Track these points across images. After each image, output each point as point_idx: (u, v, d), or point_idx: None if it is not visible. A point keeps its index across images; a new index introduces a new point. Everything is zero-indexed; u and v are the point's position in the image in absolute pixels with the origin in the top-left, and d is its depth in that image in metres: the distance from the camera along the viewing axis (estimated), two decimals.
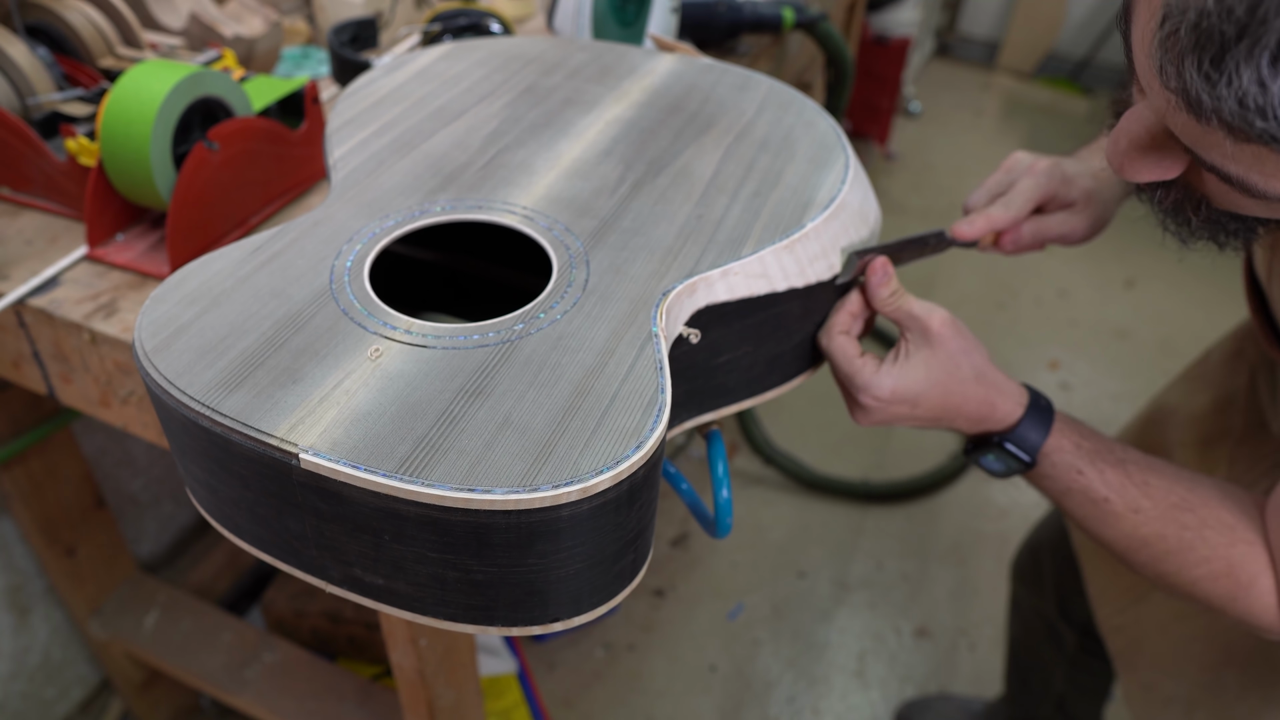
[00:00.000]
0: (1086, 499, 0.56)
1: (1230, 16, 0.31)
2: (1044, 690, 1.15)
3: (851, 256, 0.53)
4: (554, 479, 0.34)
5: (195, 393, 0.37)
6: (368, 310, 0.42)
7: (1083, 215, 0.66)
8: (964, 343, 0.54)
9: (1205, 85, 0.33)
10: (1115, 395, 2.03)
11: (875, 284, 0.54)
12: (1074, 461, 0.56)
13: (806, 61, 1.23)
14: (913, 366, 0.53)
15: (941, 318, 0.54)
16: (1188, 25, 0.33)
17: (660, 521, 1.65)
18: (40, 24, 0.70)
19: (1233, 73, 0.32)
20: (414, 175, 0.53)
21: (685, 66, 0.68)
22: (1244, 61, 0.31)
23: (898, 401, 0.53)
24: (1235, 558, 0.54)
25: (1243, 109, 0.32)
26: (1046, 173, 0.65)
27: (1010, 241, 0.66)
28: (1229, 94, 0.32)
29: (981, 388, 0.55)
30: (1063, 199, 0.66)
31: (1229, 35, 0.31)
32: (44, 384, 0.65)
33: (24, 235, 0.64)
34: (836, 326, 0.55)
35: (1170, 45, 0.34)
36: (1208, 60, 0.32)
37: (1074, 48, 3.47)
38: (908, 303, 0.55)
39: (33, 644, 1.11)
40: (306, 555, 0.39)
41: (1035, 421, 0.56)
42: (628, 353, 0.40)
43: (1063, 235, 0.66)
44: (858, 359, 0.54)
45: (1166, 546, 0.55)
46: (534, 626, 0.39)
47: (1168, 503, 0.55)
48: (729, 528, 0.54)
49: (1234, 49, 0.31)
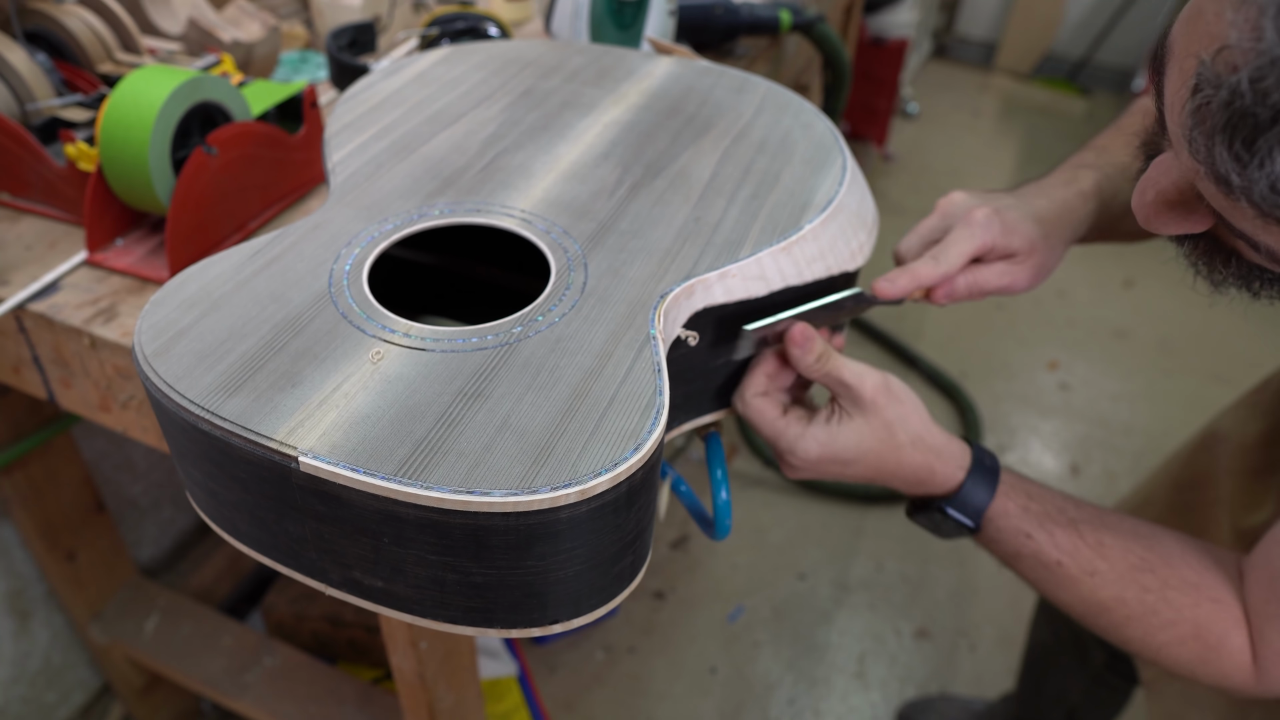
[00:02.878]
0: (1038, 563, 0.54)
1: (1265, 101, 0.29)
2: (1057, 698, 1.14)
3: (746, 332, 0.49)
4: (552, 481, 0.34)
5: (195, 396, 0.37)
6: (366, 313, 0.42)
7: (1024, 266, 0.60)
8: (900, 409, 0.51)
9: (1235, 165, 0.31)
10: (1114, 395, 2.03)
11: (798, 354, 0.51)
12: (1021, 525, 0.53)
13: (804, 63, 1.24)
14: (844, 432, 0.51)
15: (874, 384, 0.51)
16: (1220, 102, 0.31)
17: (660, 523, 1.65)
18: (39, 30, 0.70)
19: (1265, 156, 0.30)
20: (412, 179, 0.53)
21: (683, 69, 0.68)
22: (1278, 146, 0.30)
23: (829, 462, 0.51)
24: (1202, 618, 0.52)
25: (1275, 193, 0.31)
26: (984, 223, 0.58)
27: (944, 295, 0.59)
28: (1260, 176, 0.31)
29: (918, 454, 0.52)
30: (1003, 249, 0.59)
31: (1263, 118, 0.30)
32: (44, 389, 0.65)
33: (24, 240, 0.65)
34: (749, 389, 0.52)
35: (1201, 118, 0.32)
36: (1239, 141, 0.31)
37: (1072, 48, 3.48)
38: (836, 368, 0.51)
39: (33, 649, 1.11)
40: (306, 558, 0.40)
41: (978, 484, 0.53)
42: (626, 355, 0.41)
43: (1002, 288, 0.60)
44: (779, 421, 0.51)
45: (1128, 611, 0.53)
46: (533, 628, 0.39)
47: (1126, 564, 0.53)
48: (728, 529, 0.55)
49: (1268, 133, 0.30)
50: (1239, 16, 0.30)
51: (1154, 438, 1.91)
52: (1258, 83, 0.30)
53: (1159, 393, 2.05)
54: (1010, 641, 1.49)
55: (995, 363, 2.10)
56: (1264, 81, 0.29)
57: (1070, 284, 2.38)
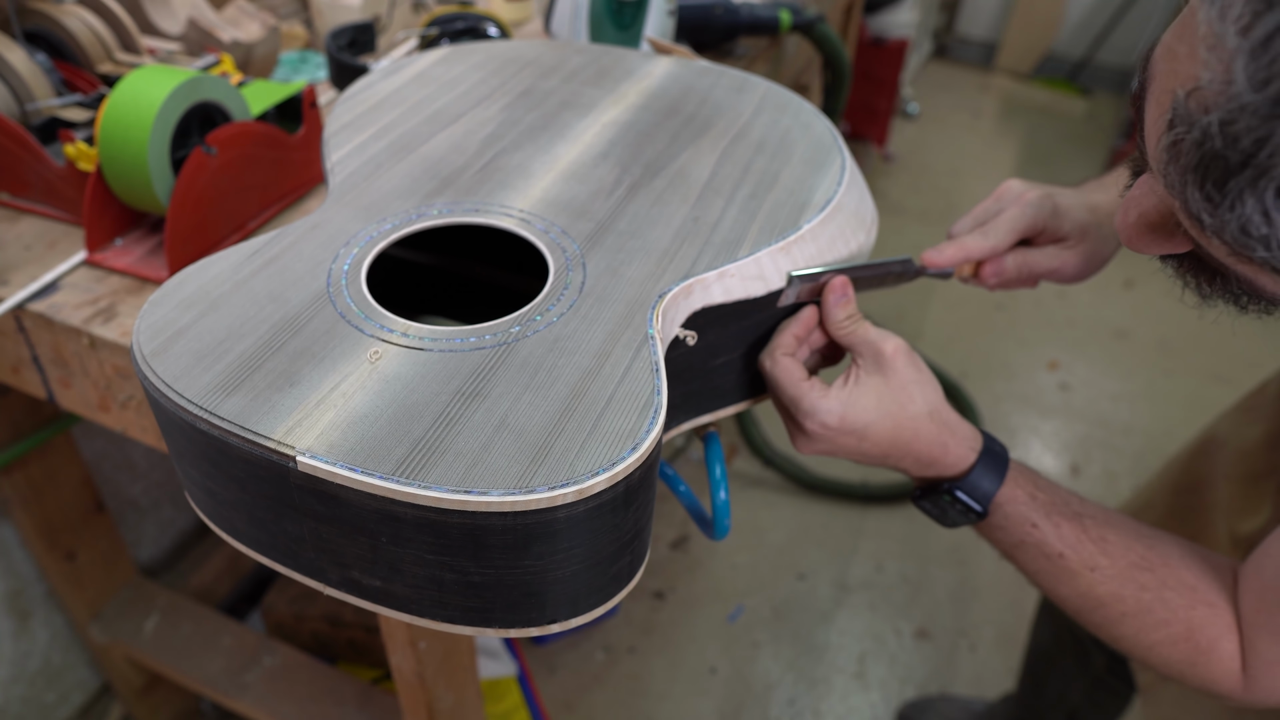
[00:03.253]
0: (1040, 554, 0.54)
1: (1236, 145, 0.29)
2: (1058, 700, 1.13)
3: (794, 277, 0.50)
4: (550, 481, 0.34)
5: (193, 396, 0.37)
6: (365, 313, 0.42)
7: (1075, 251, 0.61)
8: (918, 375, 0.51)
9: (1207, 205, 0.31)
10: (1114, 395, 2.03)
11: (832, 303, 0.51)
12: (1028, 514, 0.53)
13: (804, 63, 1.24)
14: (863, 393, 0.50)
15: (896, 345, 0.51)
16: (1192, 142, 0.31)
17: (660, 524, 1.65)
18: (39, 30, 0.71)
19: (1236, 199, 0.30)
20: (411, 178, 0.53)
21: (682, 69, 0.68)
22: (1248, 190, 0.30)
23: (846, 431, 0.50)
24: (1195, 621, 0.52)
25: (1245, 235, 0.31)
26: (1035, 204, 0.60)
27: (992, 274, 0.60)
28: (1231, 218, 0.30)
29: (934, 426, 0.51)
30: (1053, 232, 0.60)
31: (1234, 162, 0.30)
32: (43, 389, 0.65)
33: (23, 240, 0.65)
34: (780, 348, 0.51)
35: (1174, 154, 0.32)
36: (1210, 182, 0.31)
37: (1072, 48, 3.48)
38: (863, 328, 0.51)
39: (33, 649, 1.11)
40: (304, 558, 0.40)
41: (989, 469, 0.53)
42: (624, 355, 0.41)
43: (1052, 271, 0.61)
44: (804, 382, 0.50)
45: (1124, 608, 0.53)
46: (532, 628, 0.39)
47: (1126, 561, 0.53)
48: (727, 529, 0.54)
49: (1239, 176, 0.30)
50: (1212, 57, 0.30)
51: (1154, 438, 1.91)
52: (1228, 126, 0.29)
53: (1159, 393, 2.04)
54: (1010, 642, 1.49)
55: (995, 363, 2.10)
56: (1234, 126, 0.29)
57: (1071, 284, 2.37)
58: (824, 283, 0.51)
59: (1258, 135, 0.29)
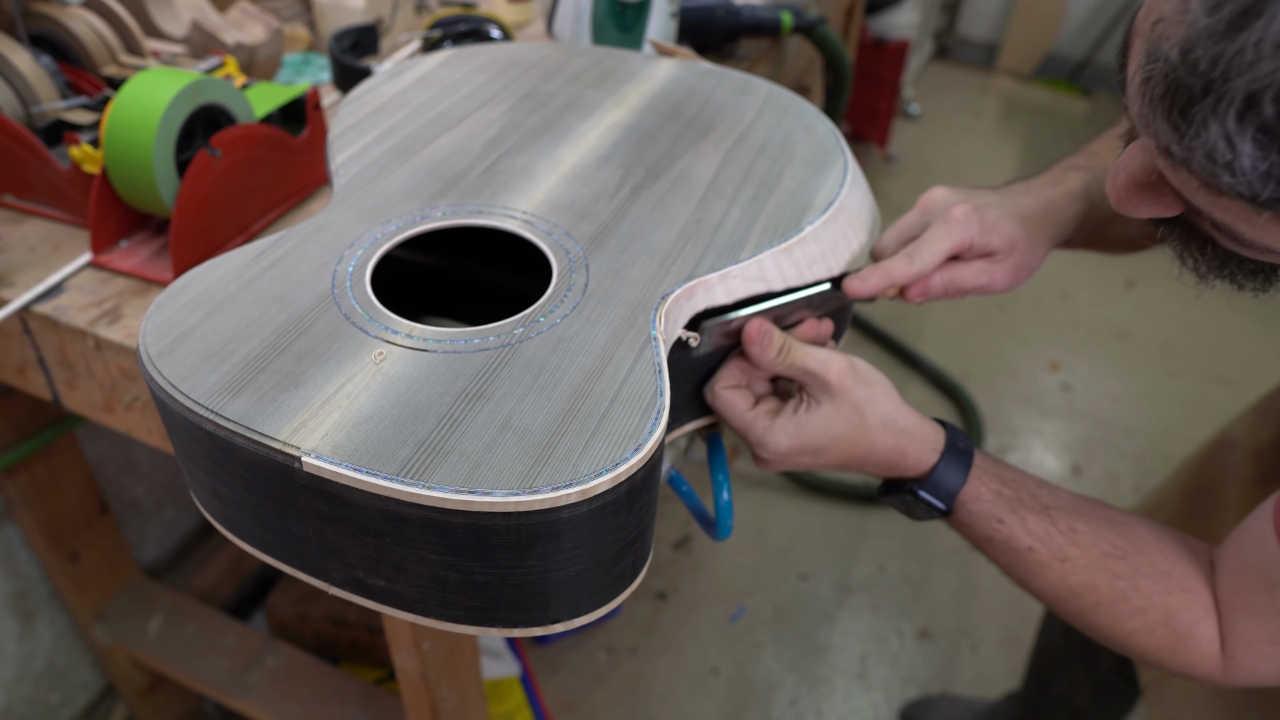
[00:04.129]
0: (1009, 548, 0.54)
1: (1195, 71, 0.30)
2: (1064, 700, 1.13)
3: (706, 327, 0.49)
4: (553, 481, 0.34)
5: (199, 397, 0.37)
6: (369, 315, 0.43)
7: (1004, 265, 0.58)
8: (867, 390, 0.51)
9: (1174, 135, 0.32)
10: (1116, 396, 2.03)
11: (756, 352, 0.50)
12: (993, 510, 0.53)
13: (805, 65, 1.24)
14: (813, 420, 0.50)
15: (839, 369, 0.50)
16: (1158, 74, 0.32)
17: (662, 524, 1.65)
18: (44, 33, 0.71)
19: (1200, 126, 0.31)
20: (415, 181, 0.53)
21: (685, 71, 0.68)
22: (1210, 116, 0.30)
23: (800, 452, 0.50)
24: (1172, 606, 0.52)
25: (1210, 162, 0.31)
26: (962, 221, 0.56)
27: (917, 294, 0.57)
28: (1197, 145, 0.31)
29: (890, 435, 0.51)
30: (981, 247, 0.57)
31: (1195, 89, 0.31)
32: (48, 390, 0.65)
33: (28, 242, 0.65)
34: (720, 381, 0.51)
35: (1145, 91, 0.33)
36: (1176, 111, 0.32)
37: (1073, 49, 3.48)
38: (800, 357, 0.50)
39: (37, 649, 1.12)
40: (309, 557, 0.40)
41: (951, 467, 0.52)
42: (627, 356, 0.41)
43: (980, 287, 0.59)
44: (748, 414, 0.50)
45: (1098, 598, 0.53)
46: (535, 628, 0.40)
47: (1098, 550, 0.53)
48: (730, 530, 0.55)
49: (1200, 102, 0.31)
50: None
51: (1156, 438, 1.91)
52: (1188, 54, 0.31)
53: (1161, 393, 2.04)
54: (1012, 642, 1.49)
55: (997, 363, 2.10)
56: (1193, 53, 0.30)
57: (1072, 285, 2.38)
58: (740, 326, 0.50)
59: (1212, 55, 0.30)
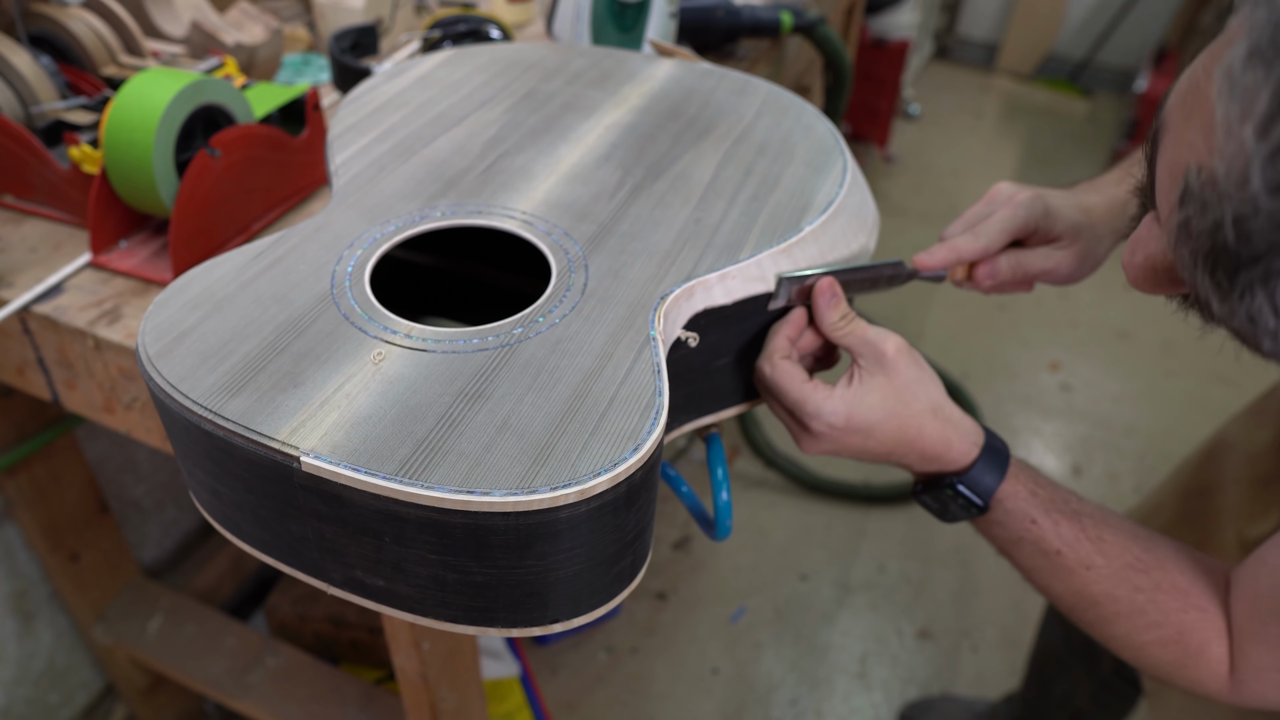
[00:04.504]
0: (1038, 550, 0.54)
1: (1248, 243, 0.29)
2: (1064, 701, 1.13)
3: (783, 280, 0.50)
4: (552, 481, 0.34)
5: (198, 397, 0.38)
6: (368, 314, 0.43)
7: (1068, 251, 0.60)
8: (920, 373, 0.51)
9: (1216, 291, 0.31)
10: (1116, 396, 2.03)
11: (823, 306, 0.50)
12: (1028, 510, 0.53)
13: (805, 65, 1.24)
14: (867, 392, 0.50)
15: (897, 344, 0.51)
16: (1203, 229, 0.30)
17: (662, 525, 1.65)
18: (44, 33, 0.71)
19: (1246, 290, 0.30)
20: (414, 181, 0.53)
21: (684, 71, 0.68)
22: (1259, 285, 0.29)
23: (852, 430, 0.50)
24: (1186, 624, 0.52)
25: (1252, 325, 0.30)
26: (1026, 204, 0.59)
27: (986, 275, 0.59)
28: (1240, 308, 0.30)
29: (938, 422, 0.52)
30: (1046, 233, 0.60)
31: (1244, 257, 0.29)
32: (48, 390, 0.65)
33: (28, 243, 0.65)
34: (777, 351, 0.51)
35: (1185, 234, 0.31)
36: (1220, 270, 0.30)
37: (1073, 49, 3.48)
38: (860, 327, 0.51)
39: (37, 649, 1.12)
40: (308, 557, 0.40)
41: (990, 464, 0.53)
42: (625, 356, 0.41)
43: (1046, 272, 0.61)
44: (806, 384, 0.50)
45: (1117, 608, 0.53)
46: (534, 627, 0.40)
47: (1122, 561, 0.53)
48: (729, 530, 0.55)
49: (1250, 269, 0.29)
50: (1228, 147, 0.29)
51: (1156, 439, 1.91)
52: (1241, 224, 0.29)
53: (1161, 394, 2.04)
54: (1012, 643, 1.49)
55: (997, 363, 2.10)
56: (1248, 225, 0.29)
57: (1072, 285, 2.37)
58: (812, 285, 0.51)
59: (1272, 240, 0.28)
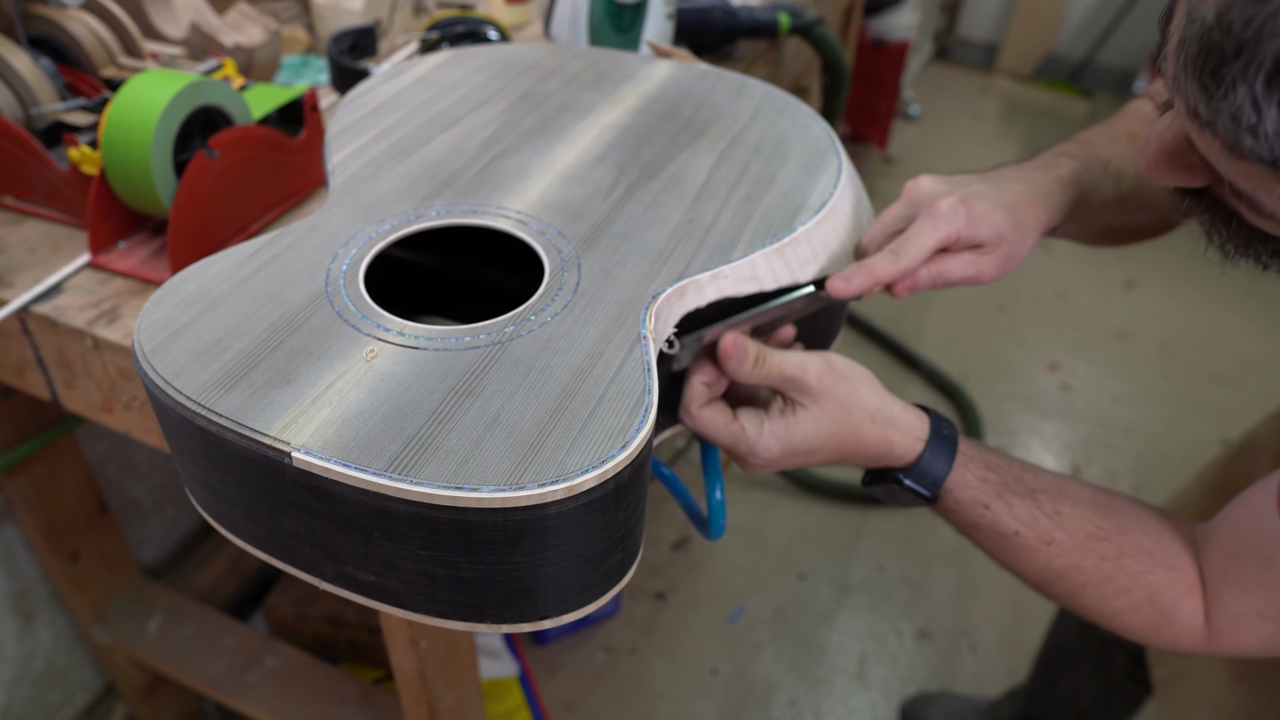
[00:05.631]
0: (995, 533, 0.54)
1: (1229, 32, 0.31)
2: (1069, 699, 1.13)
3: (684, 340, 0.48)
4: (540, 478, 0.35)
5: (191, 392, 0.38)
6: (362, 313, 0.43)
7: (992, 256, 0.56)
8: (850, 386, 0.51)
9: (1203, 96, 0.33)
10: (1116, 397, 2.03)
11: (732, 367, 0.49)
12: (979, 496, 0.53)
13: (803, 66, 1.24)
14: (800, 421, 0.50)
15: (817, 369, 0.50)
16: (1193, 34, 0.33)
17: (661, 525, 1.66)
18: (43, 35, 0.71)
19: (1229, 88, 0.32)
20: (410, 180, 0.54)
21: (681, 73, 0.68)
22: (1239, 78, 0.31)
23: (791, 454, 0.50)
24: (1155, 585, 0.53)
25: (1235, 125, 0.32)
26: (949, 215, 0.54)
27: (905, 289, 0.55)
28: (1224, 107, 0.32)
29: (876, 427, 0.51)
30: (969, 240, 0.56)
31: (1228, 51, 0.31)
32: (47, 390, 0.65)
33: (27, 243, 0.65)
34: (694, 402, 0.50)
35: (1180, 52, 0.34)
36: (1206, 72, 0.33)
37: (1073, 50, 3.48)
38: (775, 365, 0.49)
39: (37, 649, 1.12)
40: (300, 553, 0.40)
41: (937, 454, 0.53)
42: (616, 354, 0.41)
43: (967, 278, 0.57)
44: (732, 426, 0.50)
45: (1084, 579, 0.54)
46: (523, 623, 0.40)
47: (1083, 533, 0.53)
48: (722, 529, 0.55)
49: (1231, 64, 0.31)
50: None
51: (1155, 439, 1.91)
52: (1224, 15, 0.31)
53: (1160, 394, 2.04)
54: (1011, 642, 1.50)
55: (996, 364, 2.10)
56: (1229, 14, 0.31)
57: (1072, 285, 2.38)
58: (712, 340, 0.49)
59: (1246, 17, 0.31)
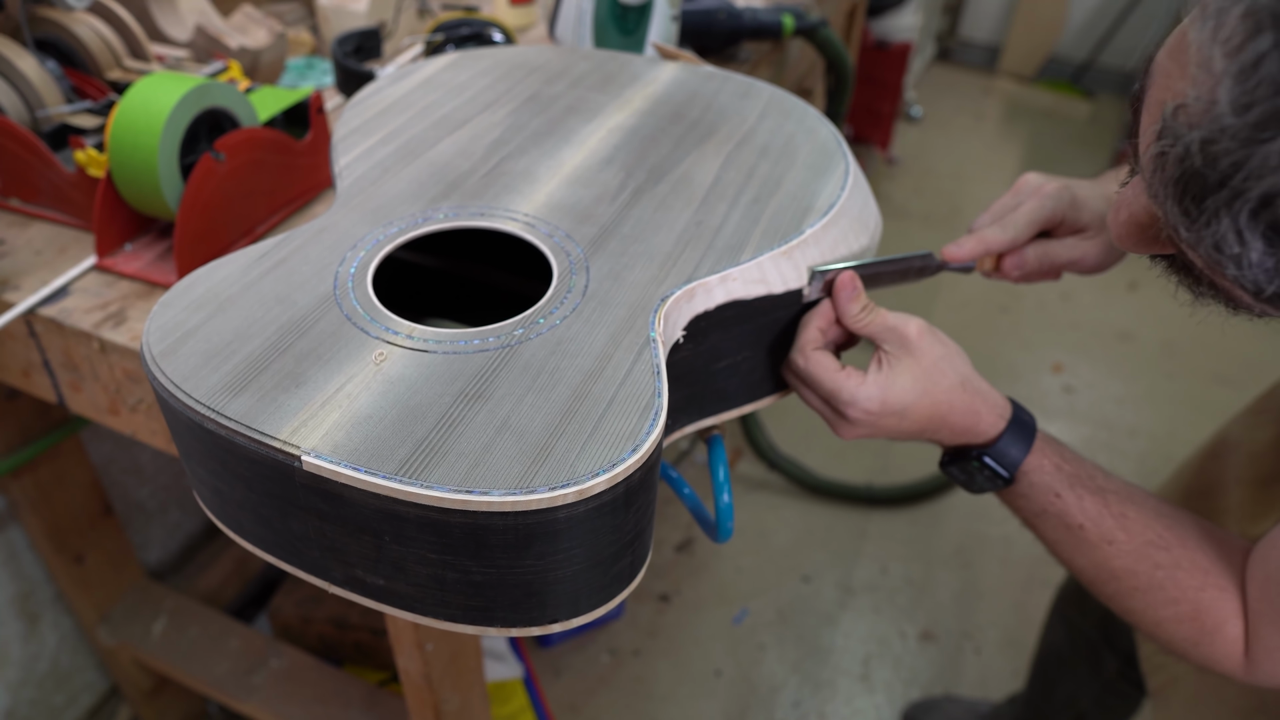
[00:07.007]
0: (1061, 524, 0.55)
1: (1214, 165, 0.30)
2: (1067, 704, 1.13)
3: (816, 273, 0.51)
4: (550, 481, 0.35)
5: (201, 396, 0.38)
6: (370, 315, 0.43)
7: (1095, 242, 0.61)
8: (945, 349, 0.53)
9: (1184, 220, 0.33)
10: (1118, 398, 2.02)
11: (843, 300, 0.52)
12: (1053, 484, 0.54)
13: (807, 68, 1.24)
14: (898, 375, 0.52)
15: (919, 326, 0.52)
16: (1175, 156, 0.32)
17: (665, 527, 1.66)
18: (49, 37, 0.71)
19: (1212, 216, 0.31)
20: (418, 183, 0.54)
21: (687, 74, 0.68)
22: (1224, 209, 0.31)
23: (888, 413, 0.52)
24: (1204, 602, 0.53)
25: (1217, 253, 0.32)
26: (1053, 195, 0.60)
27: (1014, 266, 0.61)
28: (1206, 235, 0.32)
29: (967, 395, 0.53)
30: (1072, 223, 0.61)
31: (1211, 181, 0.31)
32: (54, 392, 0.65)
33: (33, 246, 0.65)
34: (810, 343, 0.52)
35: (1159, 165, 0.33)
36: (1189, 198, 0.32)
37: (1075, 51, 3.48)
38: (880, 316, 0.53)
39: (42, 651, 1.12)
40: (309, 556, 0.40)
41: (1017, 437, 0.54)
42: (625, 357, 0.41)
43: (1072, 261, 0.62)
44: (839, 373, 0.52)
45: (1136, 583, 0.54)
46: (533, 627, 0.40)
47: (1144, 538, 0.54)
48: (730, 532, 0.55)
49: (1215, 195, 0.31)
50: (1200, 75, 0.31)
51: (1158, 440, 1.91)
52: (1209, 146, 0.30)
53: (1163, 395, 2.04)
54: (1015, 644, 1.49)
55: (1000, 365, 2.10)
56: (1214, 146, 0.30)
57: (1074, 287, 2.37)
58: (834, 278, 0.52)
59: (1235, 159, 0.30)
